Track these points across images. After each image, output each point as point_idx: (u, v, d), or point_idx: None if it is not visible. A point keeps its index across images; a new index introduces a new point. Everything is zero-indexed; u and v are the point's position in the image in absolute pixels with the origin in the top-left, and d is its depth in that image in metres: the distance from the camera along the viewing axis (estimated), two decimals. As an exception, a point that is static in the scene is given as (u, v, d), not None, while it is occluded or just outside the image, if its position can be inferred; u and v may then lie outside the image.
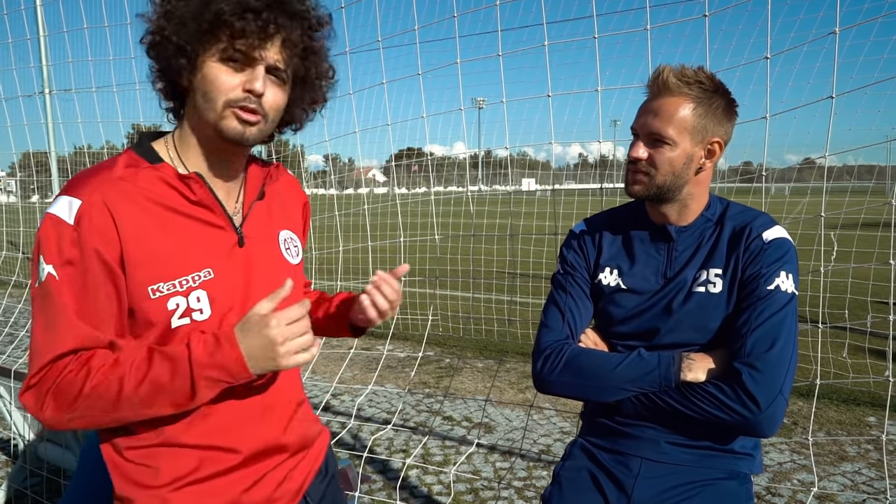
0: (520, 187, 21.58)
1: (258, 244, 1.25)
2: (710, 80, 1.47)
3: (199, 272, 1.14)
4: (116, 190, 1.09)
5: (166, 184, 1.15)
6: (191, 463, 1.17)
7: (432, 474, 3.70)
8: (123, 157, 1.16)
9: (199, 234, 1.16)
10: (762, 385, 1.36)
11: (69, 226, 1.05)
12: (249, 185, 1.27)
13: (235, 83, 1.11)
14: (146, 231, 1.10)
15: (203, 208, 1.18)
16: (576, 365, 1.54)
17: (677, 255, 1.56)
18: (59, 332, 1.07)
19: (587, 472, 1.61)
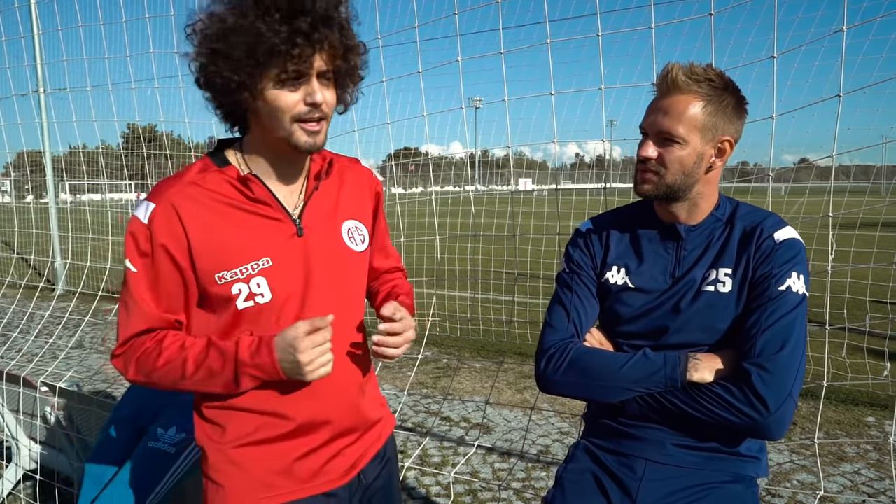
0: (517, 187, 21.51)
1: (318, 233, 1.37)
2: (720, 77, 1.44)
3: (257, 261, 1.29)
4: (184, 193, 1.28)
5: (230, 184, 1.31)
6: (251, 426, 1.35)
7: (430, 475, 3.67)
8: (199, 162, 1.34)
9: (258, 226, 1.31)
10: (771, 387, 1.33)
11: (144, 225, 1.26)
12: (311, 179, 1.40)
13: (296, 99, 1.23)
14: (211, 226, 1.28)
15: (262, 204, 1.32)
16: (580, 365, 1.51)
17: (686, 254, 1.53)
18: (135, 315, 1.29)
19: (590, 474, 1.58)
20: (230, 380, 1.27)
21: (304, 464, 1.38)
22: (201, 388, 1.30)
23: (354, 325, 1.45)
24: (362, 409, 1.47)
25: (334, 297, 1.38)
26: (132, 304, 1.29)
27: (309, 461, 1.38)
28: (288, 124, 1.24)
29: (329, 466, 1.40)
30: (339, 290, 1.39)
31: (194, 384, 1.29)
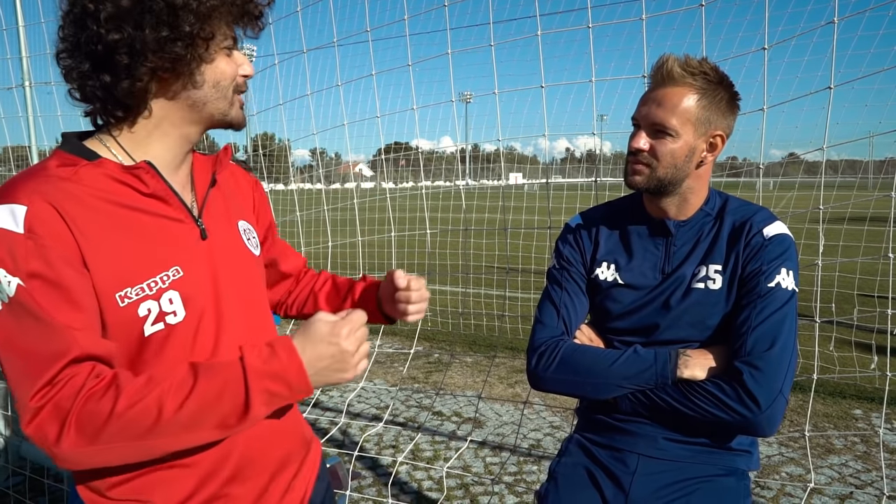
0: (507, 181, 21.56)
1: (220, 236, 1.16)
2: (715, 71, 1.44)
3: (167, 271, 1.04)
4: (59, 190, 0.96)
5: (113, 179, 1.03)
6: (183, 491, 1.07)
7: (422, 470, 3.68)
8: (53, 158, 1.03)
9: (159, 229, 1.06)
10: (763, 385, 1.34)
11: (20, 235, 0.91)
12: (197, 173, 1.18)
13: (235, 69, 1.09)
14: (102, 233, 0.99)
15: (158, 200, 1.07)
16: (571, 362, 1.52)
17: (676, 250, 1.54)
18: (58, 337, 0.91)
19: (584, 468, 1.59)
20: (237, 407, 0.94)
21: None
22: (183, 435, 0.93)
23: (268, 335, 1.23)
24: (299, 430, 1.29)
25: (247, 308, 1.17)
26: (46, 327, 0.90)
27: None
28: (231, 94, 1.09)
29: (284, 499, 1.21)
30: (249, 301, 1.19)
31: (173, 432, 0.92)
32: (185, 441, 0.95)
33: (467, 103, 21.53)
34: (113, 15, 0.96)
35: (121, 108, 1.04)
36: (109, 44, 0.97)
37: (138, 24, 0.97)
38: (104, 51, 0.98)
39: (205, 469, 1.09)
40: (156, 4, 0.97)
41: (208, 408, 0.93)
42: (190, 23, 0.99)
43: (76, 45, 1.00)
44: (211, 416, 0.93)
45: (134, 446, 0.91)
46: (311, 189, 10.27)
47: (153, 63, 0.99)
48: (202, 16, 1.00)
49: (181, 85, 1.05)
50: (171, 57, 0.99)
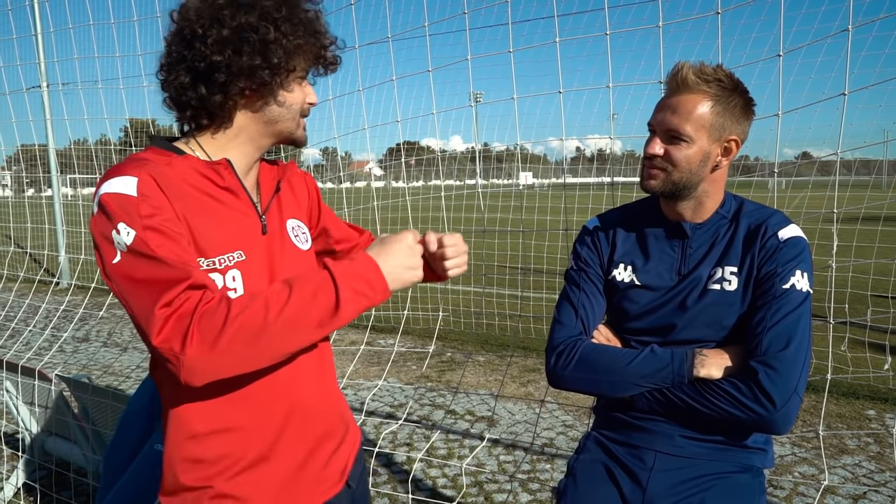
0: (518, 181, 21.51)
1: (277, 233, 1.33)
2: (729, 78, 1.47)
3: (233, 253, 1.20)
4: (158, 171, 1.14)
5: (197, 171, 1.20)
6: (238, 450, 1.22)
7: (437, 468, 3.73)
8: (148, 152, 1.21)
9: (230, 217, 1.23)
10: (778, 384, 1.37)
11: (134, 197, 1.08)
12: (263, 178, 1.35)
13: (303, 97, 1.28)
14: (189, 210, 1.15)
15: (231, 193, 1.24)
16: (589, 361, 1.55)
17: (692, 252, 1.57)
18: (176, 268, 1.04)
19: (602, 464, 1.63)
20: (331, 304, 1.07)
21: (299, 479, 1.30)
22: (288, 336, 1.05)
23: None
24: (341, 410, 1.43)
25: None
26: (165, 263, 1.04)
27: (303, 475, 1.30)
28: (298, 117, 1.28)
29: (323, 476, 1.34)
30: None
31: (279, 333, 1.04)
32: (291, 341, 1.07)
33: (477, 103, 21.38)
34: (218, 40, 1.15)
35: (208, 117, 1.23)
36: (212, 63, 1.16)
37: (237, 51, 1.16)
38: (206, 68, 1.16)
39: (256, 433, 1.23)
40: (252, 37, 1.16)
41: (306, 308, 1.05)
42: (278, 56, 1.18)
43: (180, 61, 1.18)
44: (309, 315, 1.06)
45: (248, 350, 1.03)
46: (322, 189, 10.35)
47: (244, 84, 1.18)
48: (288, 52, 1.19)
49: (262, 104, 1.24)
50: (258, 81, 1.19)
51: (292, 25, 1.19)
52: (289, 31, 1.19)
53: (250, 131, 1.26)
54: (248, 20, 1.16)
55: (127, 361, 5.86)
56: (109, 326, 7.21)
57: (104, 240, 1.08)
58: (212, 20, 1.15)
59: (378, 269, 1.14)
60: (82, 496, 3.19)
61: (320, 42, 1.25)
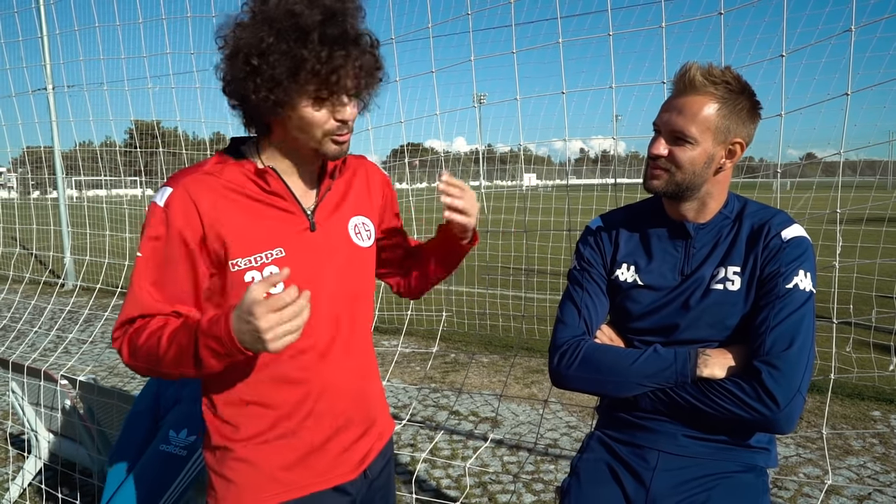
0: (522, 183, 21.51)
1: (328, 230, 1.42)
2: (737, 80, 1.47)
3: (271, 250, 1.32)
4: (200, 182, 1.30)
5: (246, 176, 1.34)
6: (265, 424, 1.36)
7: (441, 468, 3.73)
8: (215, 157, 1.38)
9: (272, 218, 1.34)
10: (781, 384, 1.38)
11: (160, 208, 1.28)
12: (325, 179, 1.44)
13: (328, 117, 1.29)
14: (227, 215, 1.30)
15: (277, 197, 1.35)
16: (593, 361, 1.56)
17: (695, 251, 1.57)
18: (133, 300, 1.30)
19: (605, 464, 1.63)
20: (191, 355, 1.21)
21: (316, 458, 1.39)
22: (175, 368, 1.25)
23: (362, 322, 1.49)
24: (368, 405, 1.50)
25: (343, 293, 1.42)
26: (132, 290, 1.30)
27: (320, 456, 1.40)
28: (319, 137, 1.31)
29: (340, 460, 1.42)
30: (347, 287, 1.43)
31: (169, 364, 1.25)
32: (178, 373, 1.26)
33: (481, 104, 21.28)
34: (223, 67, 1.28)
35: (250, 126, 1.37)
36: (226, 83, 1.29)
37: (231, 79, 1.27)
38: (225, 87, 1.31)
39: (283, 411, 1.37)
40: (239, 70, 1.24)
41: (182, 353, 1.22)
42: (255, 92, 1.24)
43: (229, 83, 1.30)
44: (184, 359, 1.22)
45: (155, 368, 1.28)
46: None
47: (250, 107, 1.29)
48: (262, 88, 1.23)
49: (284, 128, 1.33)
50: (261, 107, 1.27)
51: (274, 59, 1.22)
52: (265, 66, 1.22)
53: (288, 145, 1.36)
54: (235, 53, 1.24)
55: (132, 362, 5.88)
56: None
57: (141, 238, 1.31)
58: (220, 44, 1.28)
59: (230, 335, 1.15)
60: (88, 497, 3.20)
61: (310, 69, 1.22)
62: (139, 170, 8.81)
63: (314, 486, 1.39)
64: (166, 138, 7.72)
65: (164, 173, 7.43)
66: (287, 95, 1.24)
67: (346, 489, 1.43)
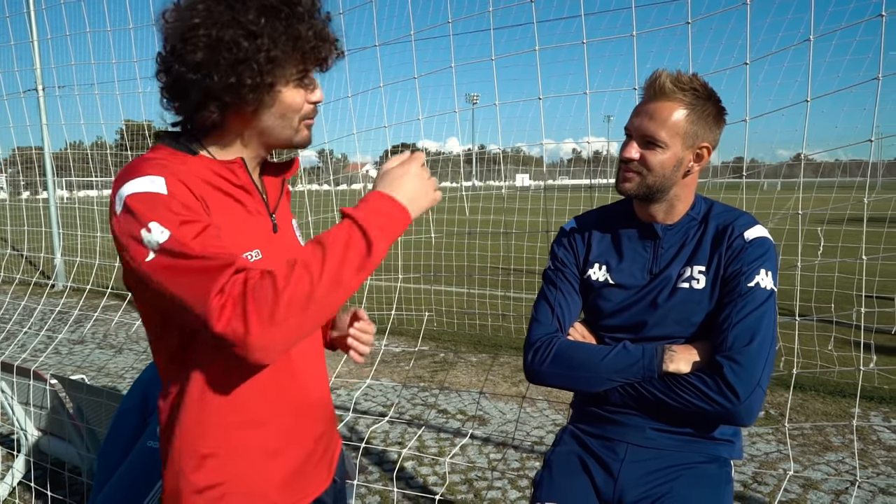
0: (514, 183, 21.63)
1: (286, 232, 1.36)
2: (704, 87, 1.54)
3: (251, 252, 1.21)
4: (179, 170, 1.13)
5: (211, 170, 1.21)
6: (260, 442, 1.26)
7: (427, 465, 3.78)
8: (160, 151, 1.20)
9: (246, 216, 1.24)
10: (742, 378, 1.44)
11: (165, 195, 1.08)
12: (268, 179, 1.35)
13: (303, 99, 1.22)
14: (212, 208, 1.16)
15: (244, 192, 1.25)
16: (564, 357, 1.62)
17: (663, 252, 1.64)
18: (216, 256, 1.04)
19: (576, 456, 1.69)
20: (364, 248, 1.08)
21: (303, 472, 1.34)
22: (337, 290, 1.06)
23: None
24: (330, 407, 1.47)
25: None
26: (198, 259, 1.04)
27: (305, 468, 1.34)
28: (296, 123, 1.24)
29: (317, 470, 1.38)
30: None
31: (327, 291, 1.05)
32: (338, 296, 1.07)
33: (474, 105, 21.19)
34: (191, 62, 1.13)
35: (200, 129, 1.23)
36: (189, 82, 1.15)
37: (208, 73, 1.13)
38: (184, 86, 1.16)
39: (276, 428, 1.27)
40: (223, 58, 1.12)
41: (343, 260, 1.06)
42: (252, 74, 1.13)
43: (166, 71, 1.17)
44: (348, 265, 1.07)
45: (303, 316, 1.03)
46: (318, 190, 10.39)
47: (227, 100, 1.16)
48: (263, 70, 1.14)
49: (251, 115, 1.21)
50: (238, 98, 1.16)
51: (272, 36, 1.14)
52: (267, 43, 1.13)
53: (245, 141, 1.25)
54: (220, 37, 1.12)
55: (122, 363, 5.91)
56: (104, 328, 7.25)
57: (132, 240, 1.07)
58: (184, 38, 1.13)
59: (394, 200, 1.13)
60: (77, 495, 3.24)
61: (308, 43, 1.17)
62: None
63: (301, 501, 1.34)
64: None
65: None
66: (280, 76, 1.17)
67: (323, 499, 1.40)
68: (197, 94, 1.16)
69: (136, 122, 7.99)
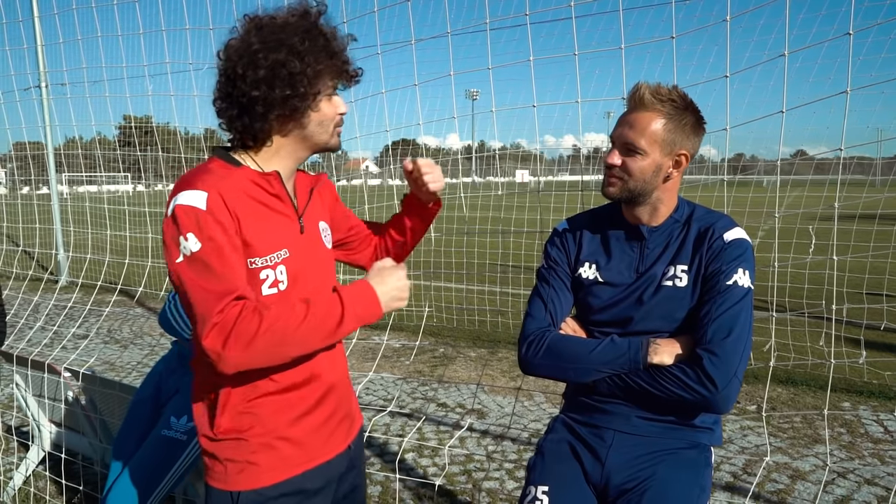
0: (514, 179, 21.70)
1: (312, 232, 1.58)
2: (682, 98, 1.65)
3: (279, 251, 1.44)
4: (225, 185, 1.38)
5: (251, 181, 1.45)
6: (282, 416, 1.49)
7: (427, 457, 3.90)
8: (214, 163, 1.46)
9: (277, 220, 1.47)
10: (720, 368, 1.55)
11: (203, 211, 1.32)
12: (299, 184, 1.58)
13: (334, 109, 1.50)
14: (246, 216, 1.40)
15: (278, 199, 1.48)
16: (556, 350, 1.73)
17: (649, 252, 1.75)
18: (226, 281, 1.30)
19: (567, 443, 1.81)
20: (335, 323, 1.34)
21: (317, 436, 1.55)
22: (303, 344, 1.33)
23: None
24: (350, 389, 1.69)
25: (321, 284, 1.55)
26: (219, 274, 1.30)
27: (320, 433, 1.55)
28: (331, 129, 1.50)
29: (336, 433, 1.59)
30: (325, 283, 1.57)
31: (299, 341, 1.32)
32: (303, 350, 1.35)
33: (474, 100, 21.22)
34: (254, 79, 1.38)
35: (252, 140, 1.48)
36: (252, 98, 1.39)
37: (270, 86, 1.38)
38: (247, 102, 1.40)
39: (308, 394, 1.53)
40: (282, 73, 1.38)
41: (317, 325, 1.33)
42: (304, 85, 1.40)
43: (227, 96, 1.43)
44: (319, 331, 1.34)
45: (271, 353, 1.31)
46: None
47: (278, 111, 1.41)
48: (311, 80, 1.41)
49: (294, 125, 1.47)
50: (290, 108, 1.42)
51: (314, 55, 1.40)
52: (311, 61, 1.39)
53: (289, 148, 1.50)
54: (277, 58, 1.37)
55: (127, 358, 6.02)
56: (109, 324, 7.36)
57: (172, 242, 1.32)
58: (248, 62, 1.38)
59: (376, 298, 1.41)
60: (89, 484, 3.35)
61: (340, 61, 1.45)
62: (130, 166, 8.90)
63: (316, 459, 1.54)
64: (159, 135, 7.85)
65: (157, 170, 7.55)
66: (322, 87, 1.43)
67: (337, 461, 1.60)
68: (260, 106, 1.39)
69: (136, 118, 8.08)
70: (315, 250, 1.57)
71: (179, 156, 5.75)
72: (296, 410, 1.51)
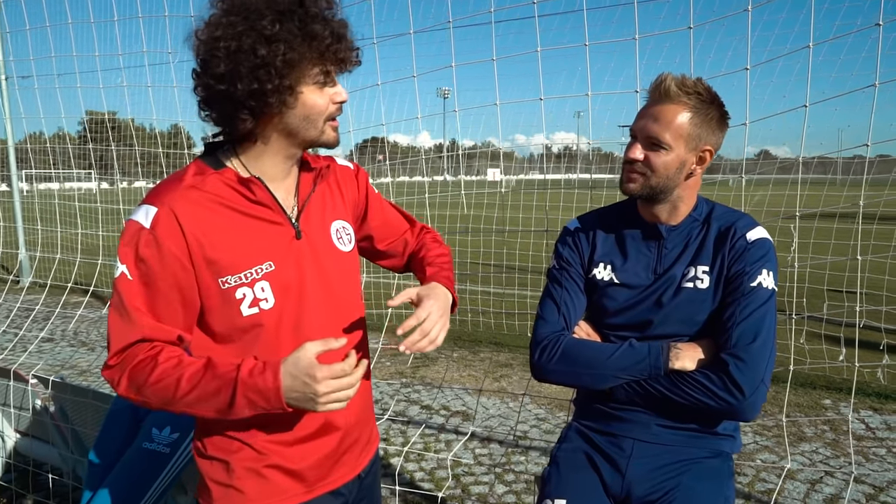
0: (485, 177, 21.70)
1: (313, 236, 1.39)
2: (708, 91, 1.57)
3: (261, 265, 1.29)
4: (185, 198, 1.25)
5: (229, 187, 1.29)
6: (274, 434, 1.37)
7: (413, 462, 3.79)
8: (193, 165, 1.32)
9: (259, 230, 1.31)
10: (747, 374, 1.48)
11: (146, 230, 1.22)
12: (303, 183, 1.41)
13: (327, 100, 1.29)
14: (214, 230, 1.26)
15: (262, 207, 1.32)
16: (571, 355, 1.64)
17: (667, 252, 1.67)
18: (130, 324, 1.23)
19: (583, 453, 1.72)
20: (225, 403, 1.19)
21: (319, 465, 1.41)
22: (192, 410, 1.22)
23: (351, 326, 1.44)
24: (365, 408, 1.52)
25: (329, 299, 1.39)
26: (126, 313, 1.23)
27: (323, 462, 1.41)
28: (321, 124, 1.30)
29: (339, 464, 1.44)
30: (333, 293, 1.40)
31: (186, 405, 1.22)
32: (195, 412, 1.24)
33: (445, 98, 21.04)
34: (215, 74, 1.21)
35: (236, 138, 1.32)
36: (216, 92, 1.23)
37: (232, 81, 1.21)
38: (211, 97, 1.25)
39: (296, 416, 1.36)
40: (245, 64, 1.19)
41: (206, 398, 1.20)
42: (272, 77, 1.20)
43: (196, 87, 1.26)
44: (207, 404, 1.21)
45: (160, 404, 1.24)
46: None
47: (253, 105, 1.23)
48: (282, 70, 1.20)
49: (278, 119, 1.28)
50: (262, 103, 1.23)
51: (287, 41, 1.20)
52: (284, 48, 1.19)
53: (275, 146, 1.32)
54: (239, 47, 1.19)
55: (96, 361, 5.78)
56: (74, 326, 7.08)
57: (119, 250, 1.25)
58: (209, 53, 1.21)
59: (278, 392, 1.17)
60: (58, 496, 3.17)
61: (323, 44, 1.23)
62: (94, 163, 8.60)
63: (314, 491, 1.41)
64: (121, 131, 7.57)
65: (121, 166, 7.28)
66: (300, 78, 1.23)
67: (342, 491, 1.46)
68: (227, 103, 1.23)
69: (99, 114, 7.80)
70: (318, 256, 1.38)
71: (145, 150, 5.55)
72: (293, 434, 1.36)
